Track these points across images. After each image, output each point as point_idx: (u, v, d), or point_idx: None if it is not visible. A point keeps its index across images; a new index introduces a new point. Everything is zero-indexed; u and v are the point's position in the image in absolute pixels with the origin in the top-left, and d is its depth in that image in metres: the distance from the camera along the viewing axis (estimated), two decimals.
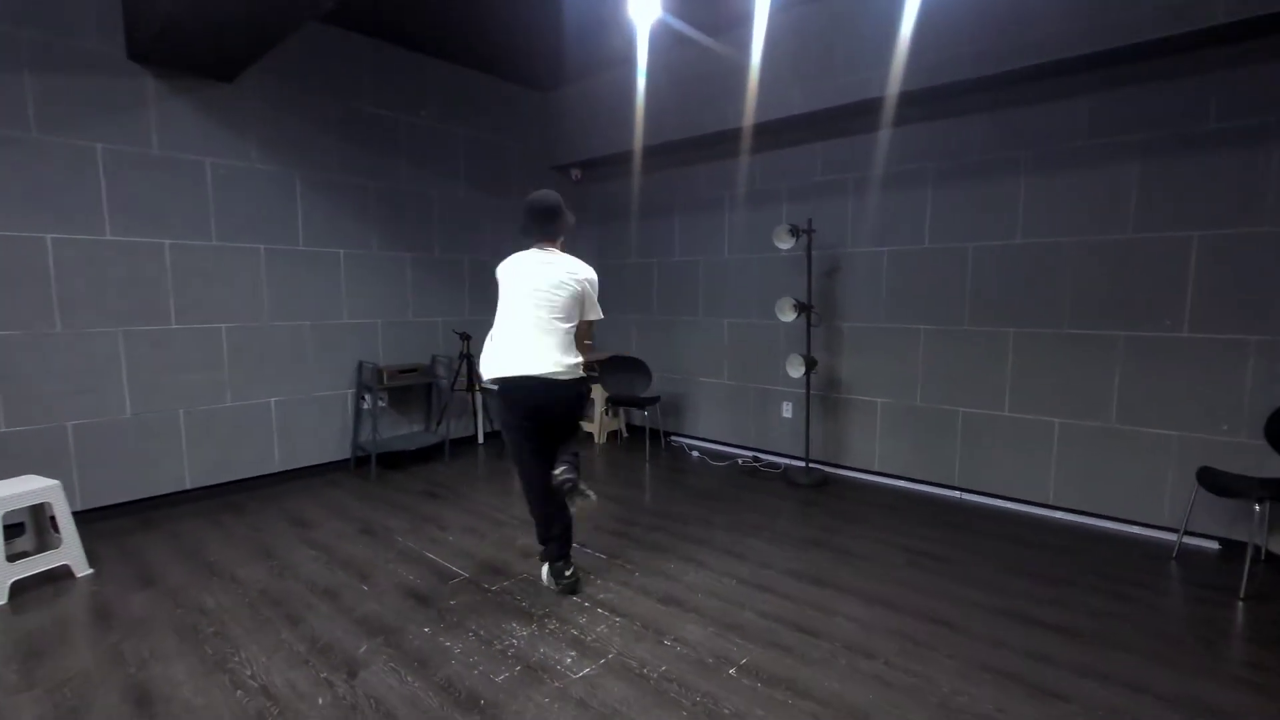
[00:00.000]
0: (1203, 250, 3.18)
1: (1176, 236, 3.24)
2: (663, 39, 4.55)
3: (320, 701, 2.04)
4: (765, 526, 3.55)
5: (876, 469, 4.39)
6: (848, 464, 4.53)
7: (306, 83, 4.25)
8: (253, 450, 4.11)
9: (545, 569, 2.82)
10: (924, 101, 3.84)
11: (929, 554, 3.21)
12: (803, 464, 4.53)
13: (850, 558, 3.15)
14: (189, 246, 3.80)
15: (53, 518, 2.95)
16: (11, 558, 2.83)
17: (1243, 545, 3.11)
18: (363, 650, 2.32)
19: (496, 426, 2.81)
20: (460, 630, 2.46)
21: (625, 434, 5.74)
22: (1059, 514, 3.69)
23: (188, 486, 3.85)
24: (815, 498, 4.06)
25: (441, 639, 2.40)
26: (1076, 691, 2.10)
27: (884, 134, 4.14)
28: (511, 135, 5.52)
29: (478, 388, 5.15)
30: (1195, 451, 3.24)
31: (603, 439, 5.56)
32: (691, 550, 3.22)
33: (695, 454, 5.11)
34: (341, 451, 4.53)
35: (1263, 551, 3.10)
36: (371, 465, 4.46)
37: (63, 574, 2.90)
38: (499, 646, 2.36)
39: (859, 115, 4.06)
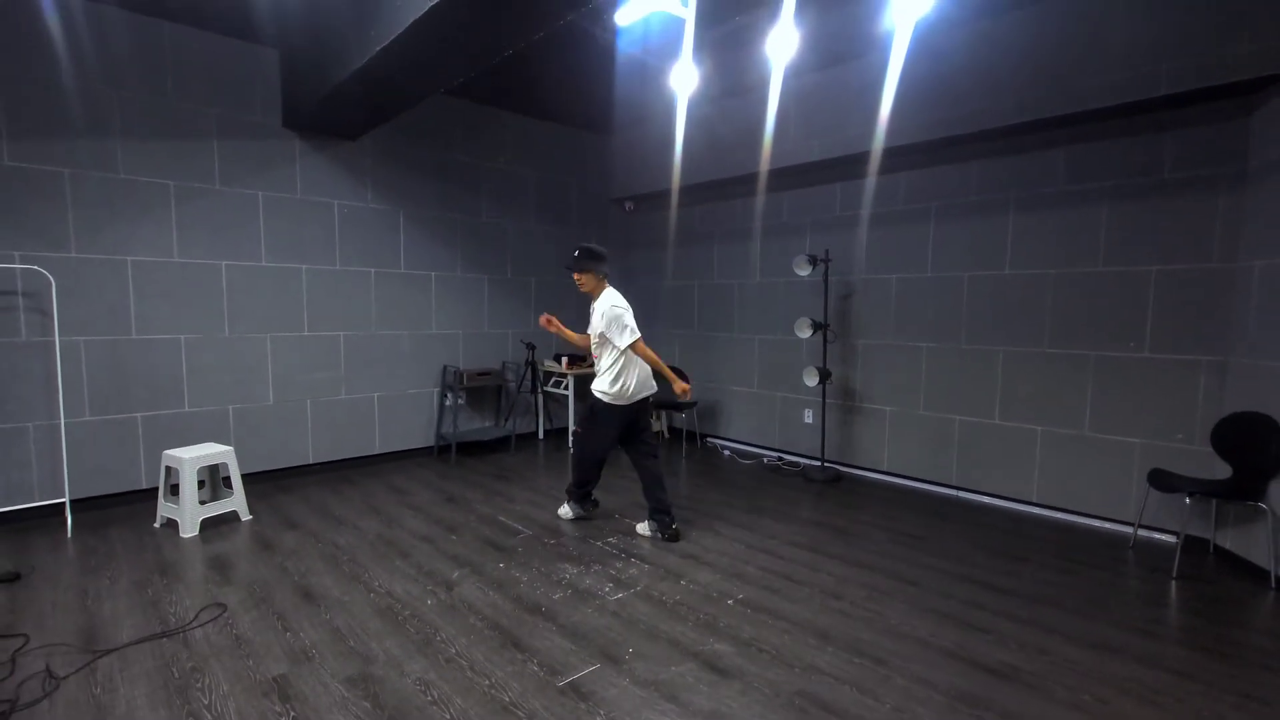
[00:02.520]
0: (1161, 282, 3.69)
1: (1138, 270, 3.76)
2: (697, 99, 5.34)
3: (429, 603, 2.84)
4: (777, 510, 4.20)
5: (885, 469, 4.96)
6: (860, 464, 5.10)
7: (410, 137, 5.23)
8: (360, 435, 5.06)
9: (646, 524, 3.75)
10: (923, 151, 4.47)
11: (911, 534, 3.79)
12: (819, 463, 5.14)
13: (843, 535, 3.77)
14: (319, 270, 4.80)
15: (225, 477, 3.93)
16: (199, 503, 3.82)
17: (1201, 540, 3.58)
18: (455, 575, 3.12)
19: (577, 425, 3.74)
20: (526, 567, 3.23)
21: (667, 435, 6.44)
22: (1039, 510, 4.19)
23: (310, 461, 4.82)
24: (826, 491, 4.67)
25: (512, 571, 3.17)
26: (997, 629, 2.68)
27: (894, 177, 4.78)
28: (573, 174, 6.37)
29: (541, 389, 5.98)
30: (1155, 457, 3.72)
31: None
32: (711, 523, 3.91)
33: (726, 453, 5.76)
34: (427, 440, 5.44)
35: (1211, 545, 3.56)
36: (452, 452, 5.35)
37: (232, 518, 3.85)
38: (555, 578, 3.11)
39: (869, 161, 4.71)
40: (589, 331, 3.65)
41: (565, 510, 3.95)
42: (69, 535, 3.55)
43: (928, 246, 4.65)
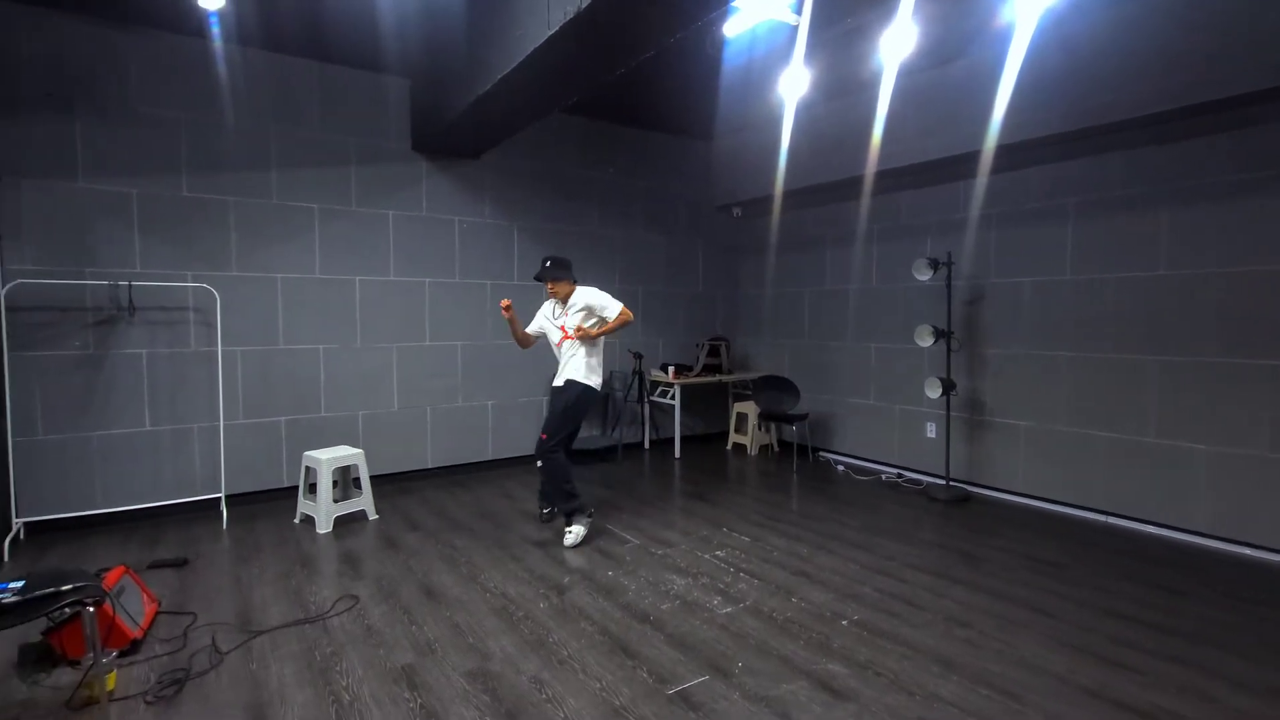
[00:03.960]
0: None
1: None
2: (805, 101, 5.26)
3: (541, 606, 2.95)
4: (896, 530, 4.00)
5: (1019, 490, 4.59)
6: (990, 484, 4.75)
7: (525, 153, 5.51)
8: (474, 441, 5.35)
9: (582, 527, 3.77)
10: (1055, 144, 4.13)
11: (1049, 562, 3.49)
12: (943, 481, 4.84)
13: (970, 559, 3.52)
14: (440, 283, 5.15)
15: (355, 478, 4.28)
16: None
17: None
18: (566, 580, 3.23)
19: (552, 429, 3.76)
20: (634, 576, 3.28)
21: (776, 448, 6.31)
22: (1204, 540, 3.72)
23: (429, 466, 5.15)
24: (951, 512, 4.39)
25: (621, 579, 3.23)
26: (1150, 669, 2.44)
27: (1023, 173, 4.48)
28: (679, 182, 6.46)
29: (648, 399, 6.07)
30: None
31: (755, 451, 6.19)
32: (824, 541, 3.79)
33: (840, 468, 5.55)
34: (533, 448, 5.63)
35: None
36: None
37: (360, 517, 4.19)
38: (663, 589, 3.13)
39: (993, 157, 4.40)
40: (563, 327, 3.82)
41: (578, 532, 3.73)
42: (224, 527, 4.00)
43: (1066, 247, 4.32)
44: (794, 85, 4.85)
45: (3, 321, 3.60)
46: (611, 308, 3.77)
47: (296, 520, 4.11)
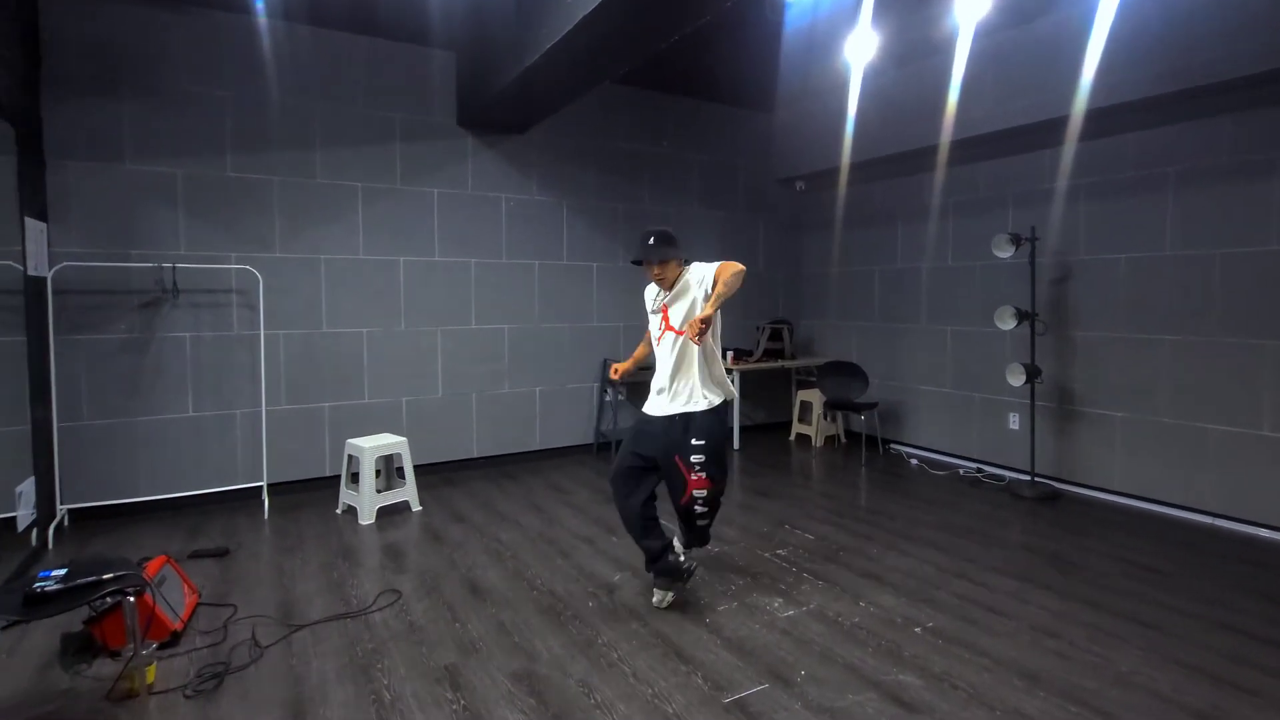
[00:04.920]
0: None
1: None
2: (871, 67, 5.03)
3: (590, 605, 2.92)
4: (975, 529, 3.80)
5: (1116, 488, 4.31)
6: (1082, 480, 4.47)
7: (573, 127, 5.44)
8: (521, 430, 5.36)
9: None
10: (1152, 108, 3.85)
11: (1150, 568, 3.28)
12: (1028, 477, 4.56)
13: (1060, 563, 3.32)
14: (486, 264, 5.15)
15: (399, 467, 4.34)
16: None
17: None
18: (617, 577, 3.18)
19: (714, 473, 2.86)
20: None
21: (843, 439, 6.12)
22: None
23: (474, 455, 5.19)
24: (1039, 510, 4.15)
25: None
26: (1269, 692, 2.27)
27: (1118, 140, 4.21)
28: (737, 155, 6.30)
29: None
30: None
31: (820, 443, 6.02)
32: (895, 541, 3.64)
33: (914, 462, 5.33)
34: (586, 437, 5.64)
35: None
36: (611, 450, 5.50)
37: (403, 508, 4.24)
38: (720, 589, 3.06)
39: (1083, 122, 4.11)
40: (665, 315, 2.84)
41: (666, 598, 2.91)
42: (265, 517, 4.11)
43: (1165, 220, 4.05)
44: (861, 49, 4.68)
45: (49, 304, 3.76)
46: (711, 270, 2.76)
47: (339, 510, 4.20)
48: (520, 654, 2.51)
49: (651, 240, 2.84)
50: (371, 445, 4.07)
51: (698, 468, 2.77)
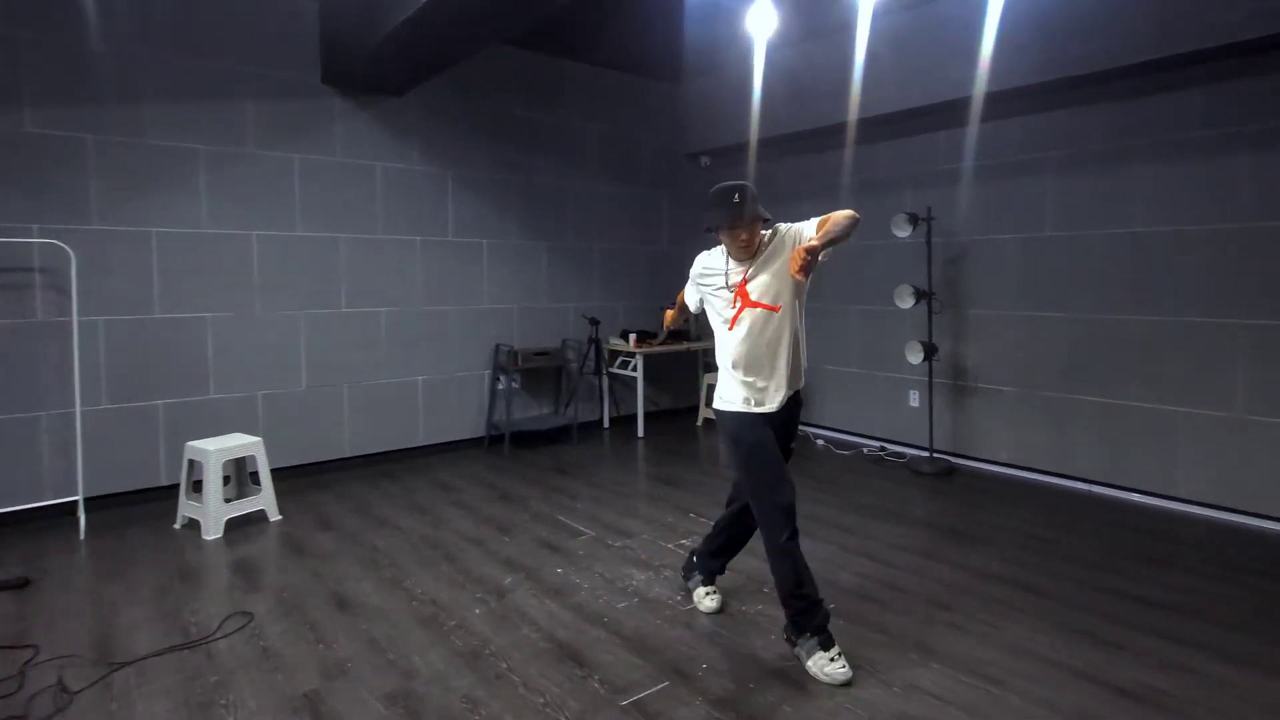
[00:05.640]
0: None
1: None
2: (778, 42, 5.14)
3: (478, 611, 2.79)
4: (878, 507, 3.97)
5: (1006, 460, 4.63)
6: (976, 455, 4.78)
7: (461, 92, 5.19)
8: (402, 424, 5.08)
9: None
10: (1037, 94, 4.20)
11: (1038, 537, 3.55)
12: (927, 453, 4.81)
13: (957, 536, 3.52)
14: (359, 240, 4.82)
15: (253, 472, 3.98)
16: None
17: None
18: (508, 581, 3.06)
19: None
20: (588, 573, 3.15)
21: None
22: (1191, 508, 3.90)
23: (347, 454, 4.87)
24: (937, 486, 4.39)
25: (572, 578, 3.10)
26: (1136, 645, 2.52)
27: (1005, 124, 4.53)
28: (642, 127, 6.26)
29: (606, 371, 5.90)
30: None
31: None
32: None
33: (820, 443, 5.51)
34: (477, 429, 5.43)
35: None
36: (505, 443, 5.32)
37: (260, 518, 3.89)
38: (620, 585, 3.02)
39: (976, 106, 4.41)
40: (741, 289, 2.44)
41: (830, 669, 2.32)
42: (82, 537, 3.64)
43: (1047, 202, 4.41)
44: (763, 23, 4.71)
45: None
46: (809, 225, 2.46)
47: (178, 525, 3.80)
48: (395, 672, 2.36)
49: (737, 197, 2.36)
50: (218, 448, 3.70)
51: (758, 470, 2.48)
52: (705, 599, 2.81)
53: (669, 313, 2.89)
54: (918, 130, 4.98)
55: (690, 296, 2.69)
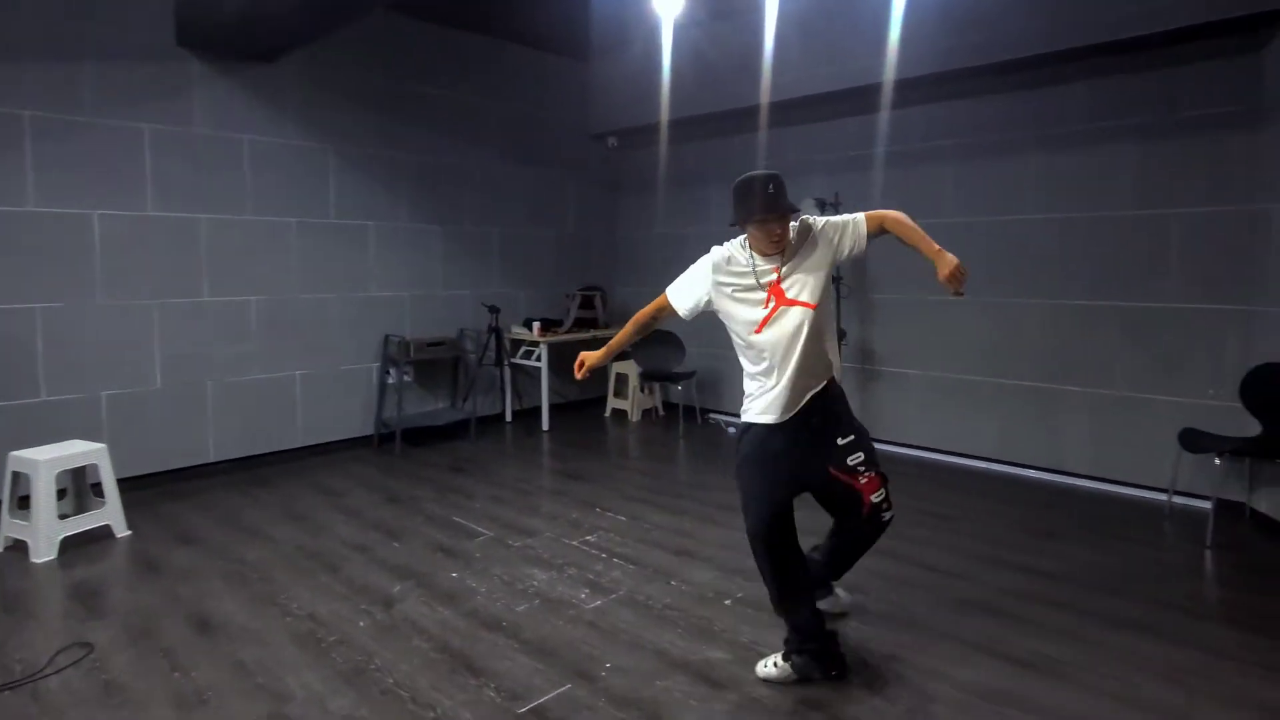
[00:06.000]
0: (1185, 226, 3.88)
1: (1163, 214, 3.93)
2: (686, 21, 5.16)
3: (361, 624, 2.64)
4: None
5: (912, 441, 4.88)
6: (884, 437, 4.96)
7: (343, 61, 4.92)
8: (277, 424, 4.78)
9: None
10: (937, 83, 4.43)
11: (941, 515, 3.75)
12: None
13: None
14: (224, 221, 4.47)
15: (96, 483, 3.61)
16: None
17: (1236, 505, 3.75)
18: (397, 589, 2.93)
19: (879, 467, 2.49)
20: (485, 575, 3.06)
21: (661, 411, 6.28)
22: (1080, 481, 4.25)
23: (211, 459, 4.53)
24: None
25: (469, 582, 3.00)
26: (1029, 616, 2.70)
27: (909, 112, 4.74)
28: (547, 106, 6.16)
29: (508, 362, 5.76)
30: (1191, 416, 3.80)
31: (636, 417, 6.12)
32: (712, 513, 3.79)
33: (732, 430, 5.58)
34: (365, 427, 5.19)
35: (1246, 509, 3.73)
36: (396, 441, 5.11)
37: (104, 534, 3.54)
38: (520, 587, 2.95)
39: (882, 94, 4.56)
40: (775, 288, 2.28)
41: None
42: None
43: (947, 189, 4.67)
44: (670, 2, 4.78)
45: None
46: (851, 221, 2.37)
47: (1, 548, 3.42)
48: (265, 696, 2.20)
49: (772, 187, 2.23)
50: (50, 457, 3.33)
51: (862, 469, 2.31)
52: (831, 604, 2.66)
53: (607, 346, 2.61)
54: (827, 116, 5.14)
55: (687, 297, 2.42)
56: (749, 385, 2.37)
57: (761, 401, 2.30)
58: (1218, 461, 3.44)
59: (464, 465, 4.75)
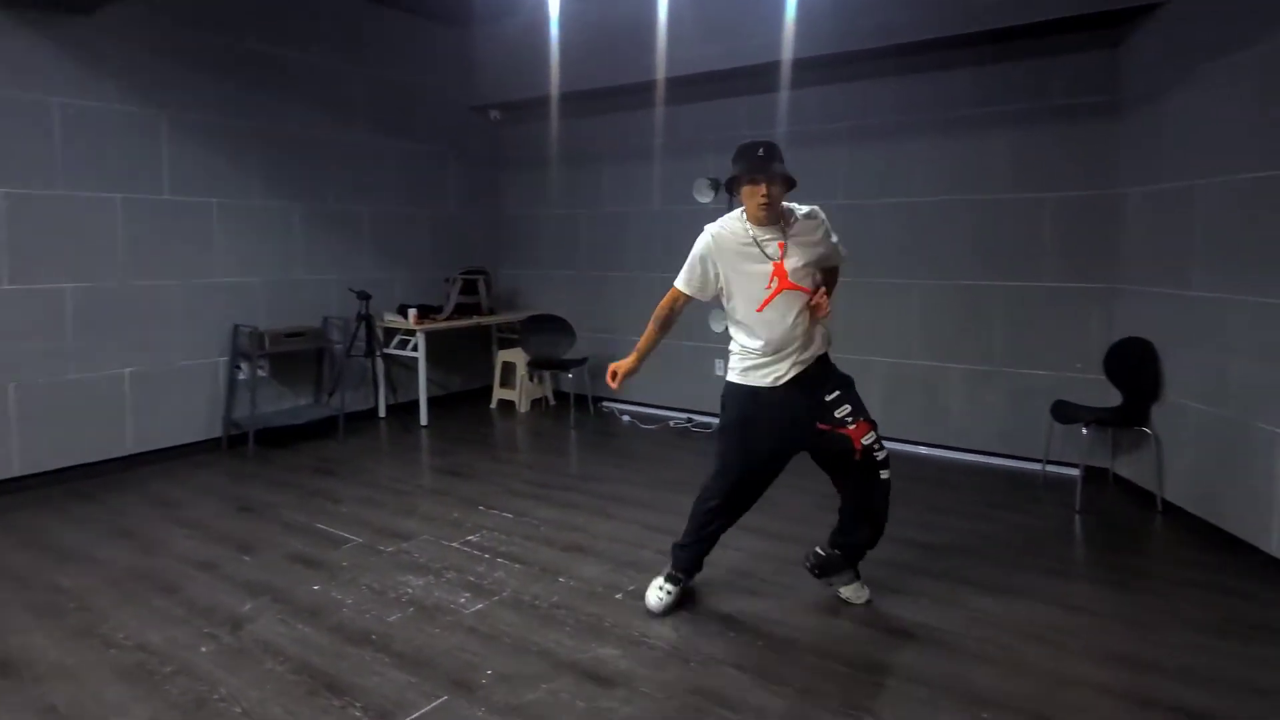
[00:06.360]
0: (1056, 209, 4.23)
1: (1037, 197, 4.28)
2: None
3: (204, 650, 2.41)
4: (683, 482, 4.05)
5: None
6: None
7: (178, 15, 4.48)
8: (101, 429, 4.32)
9: None
10: (831, 65, 4.64)
11: (828, 494, 3.83)
12: None
13: (759, 503, 3.68)
14: (27, 196, 3.97)
15: None
16: None
17: (1102, 470, 4.16)
18: (248, 608, 2.70)
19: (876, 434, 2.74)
20: (352, 586, 2.89)
21: (552, 401, 6.21)
22: (964, 455, 4.58)
23: (16, 474, 4.03)
24: None
25: (333, 594, 2.82)
26: (911, 588, 2.89)
27: (805, 93, 4.88)
28: (422, 74, 5.90)
29: (380, 352, 5.49)
30: (1062, 389, 4.12)
31: (525, 408, 6.00)
32: (604, 505, 3.79)
33: (626, 418, 5.63)
34: (212, 429, 4.79)
35: (1110, 474, 4.14)
36: (249, 443, 4.74)
37: None
38: (393, 595, 2.80)
39: (778, 73, 4.71)
40: (778, 269, 2.49)
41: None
42: None
43: (841, 172, 4.88)
44: None
45: None
46: (838, 246, 2.67)
47: None
48: None
49: (762, 151, 2.45)
50: None
51: (849, 420, 2.53)
52: (855, 592, 2.74)
53: (637, 349, 2.85)
54: (722, 94, 5.23)
55: (698, 280, 2.64)
56: (740, 352, 2.60)
57: (754, 372, 2.54)
58: (1085, 431, 3.75)
59: (330, 466, 4.49)
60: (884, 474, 2.59)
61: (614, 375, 2.75)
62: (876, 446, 2.57)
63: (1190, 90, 3.46)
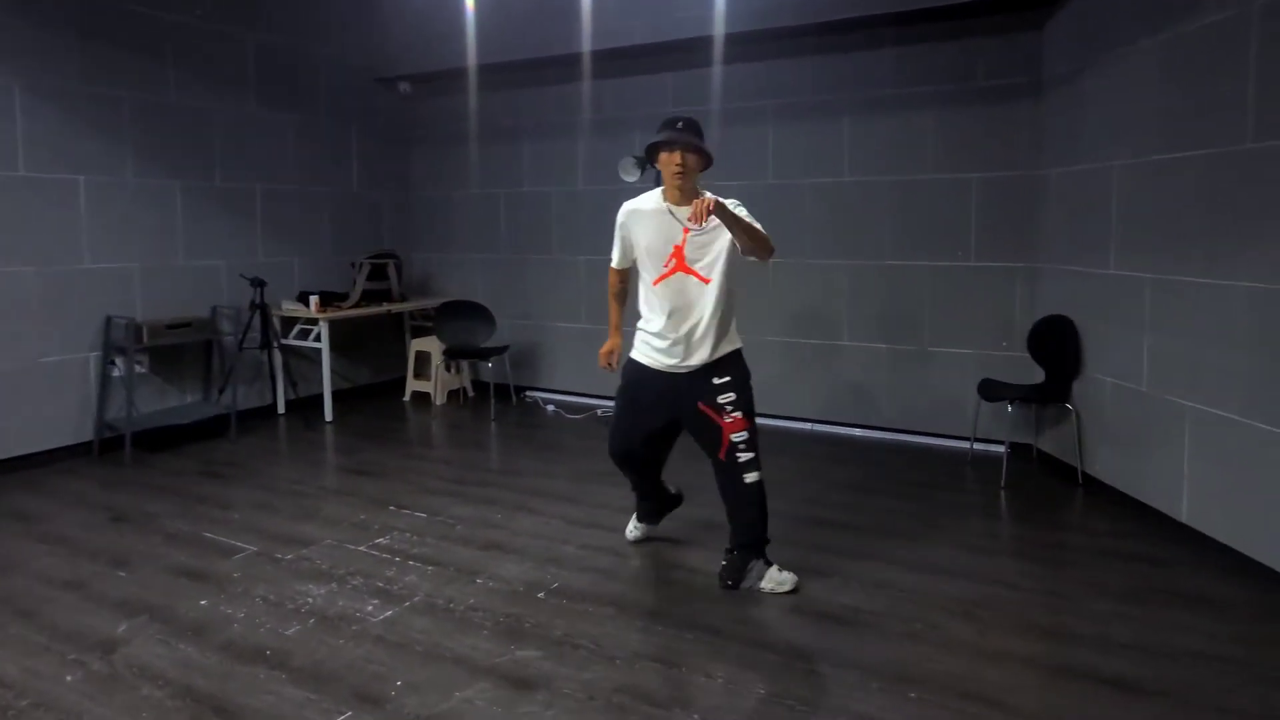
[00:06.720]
0: (981, 189, 4.39)
1: (963, 178, 4.44)
2: None
3: (70, 679, 2.24)
4: (607, 473, 3.93)
5: None
6: None
7: None
8: None
9: None
10: (756, 41, 4.70)
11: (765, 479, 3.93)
12: None
13: (686, 490, 3.69)
14: None
15: None
16: None
17: (1026, 446, 4.32)
18: (122, 629, 2.53)
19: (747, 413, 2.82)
20: (244, 599, 2.74)
21: (470, 392, 6.09)
22: (893, 435, 4.74)
23: None
24: None
25: (222, 609, 2.67)
26: (839, 570, 2.96)
27: (731, 69, 4.94)
28: (319, 41, 5.69)
29: (277, 343, 5.24)
30: (989, 367, 4.31)
31: (441, 400, 5.89)
32: (524, 500, 3.75)
33: (550, 408, 5.60)
34: (81, 433, 4.49)
35: (1034, 450, 4.32)
36: (125, 446, 4.45)
37: None
38: (291, 607, 2.68)
39: (705, 49, 4.79)
40: (678, 250, 2.71)
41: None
42: None
43: (768, 150, 4.96)
44: None
45: None
46: (763, 248, 2.69)
47: None
48: None
49: (681, 124, 2.69)
50: None
51: (729, 409, 2.69)
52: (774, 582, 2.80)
53: (612, 325, 3.15)
54: (648, 70, 5.24)
55: (619, 250, 2.92)
56: (641, 327, 2.82)
57: (649, 345, 2.78)
58: (1010, 408, 3.92)
59: (220, 470, 4.29)
60: (749, 478, 2.72)
61: (609, 363, 3.03)
62: (743, 447, 2.71)
63: (1105, 73, 3.63)
